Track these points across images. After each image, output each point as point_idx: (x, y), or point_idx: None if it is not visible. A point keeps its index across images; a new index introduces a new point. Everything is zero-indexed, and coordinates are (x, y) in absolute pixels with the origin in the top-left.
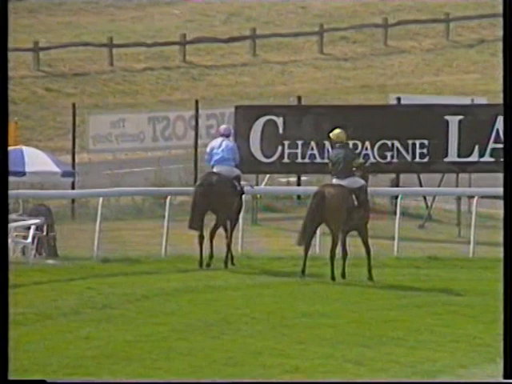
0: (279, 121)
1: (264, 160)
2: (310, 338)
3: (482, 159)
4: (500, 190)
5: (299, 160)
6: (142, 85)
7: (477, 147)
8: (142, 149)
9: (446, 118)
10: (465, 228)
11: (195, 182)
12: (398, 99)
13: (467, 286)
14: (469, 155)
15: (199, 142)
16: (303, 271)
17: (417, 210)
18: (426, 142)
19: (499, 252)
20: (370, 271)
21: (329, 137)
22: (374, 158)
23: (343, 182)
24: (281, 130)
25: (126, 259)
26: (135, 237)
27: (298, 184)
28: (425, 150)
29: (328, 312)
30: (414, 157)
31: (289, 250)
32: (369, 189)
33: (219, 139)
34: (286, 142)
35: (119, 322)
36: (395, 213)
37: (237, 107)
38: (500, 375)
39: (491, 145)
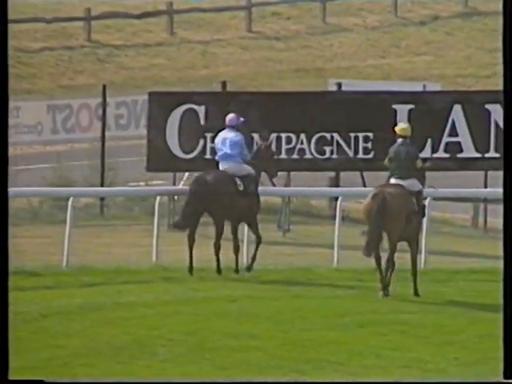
0: (200, 110)
1: (182, 156)
2: (236, 363)
3: (435, 155)
4: (456, 191)
5: None
6: (40, 67)
7: (429, 141)
8: (39, 142)
9: (394, 107)
10: None
11: (102, 180)
12: (339, 85)
13: (418, 301)
14: (420, 150)
15: (107, 134)
16: (384, 288)
17: (359, 214)
18: (370, 135)
19: (454, 262)
20: (415, 285)
21: (393, 130)
22: (311, 153)
23: (403, 183)
24: (202, 121)
25: (20, 271)
26: (32, 245)
27: None
28: (369, 145)
29: (257, 333)
30: (356, 152)
31: (213, 261)
32: (303, 189)
33: (224, 131)
34: (209, 135)
35: (13, 346)
36: (334, 217)
37: (151, 94)
38: None
39: (446, 138)
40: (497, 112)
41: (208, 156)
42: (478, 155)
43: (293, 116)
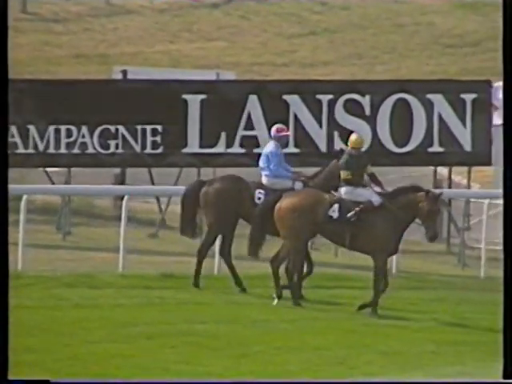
0: None
1: None
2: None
3: (229, 150)
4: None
5: None
6: None
7: (223, 135)
8: None
9: (185, 97)
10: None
11: None
12: (124, 73)
13: (211, 311)
14: (213, 145)
15: None
16: (277, 294)
17: (148, 215)
18: (159, 127)
19: (246, 267)
20: (375, 305)
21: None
22: (94, 147)
23: (343, 194)
24: None
25: None
26: None
27: None
28: (158, 138)
29: (34, 346)
30: (144, 147)
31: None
32: (85, 187)
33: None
34: None
35: None
36: (120, 218)
37: None
38: None
39: (241, 132)
40: (295, 103)
41: None
42: None
43: (73, 106)
